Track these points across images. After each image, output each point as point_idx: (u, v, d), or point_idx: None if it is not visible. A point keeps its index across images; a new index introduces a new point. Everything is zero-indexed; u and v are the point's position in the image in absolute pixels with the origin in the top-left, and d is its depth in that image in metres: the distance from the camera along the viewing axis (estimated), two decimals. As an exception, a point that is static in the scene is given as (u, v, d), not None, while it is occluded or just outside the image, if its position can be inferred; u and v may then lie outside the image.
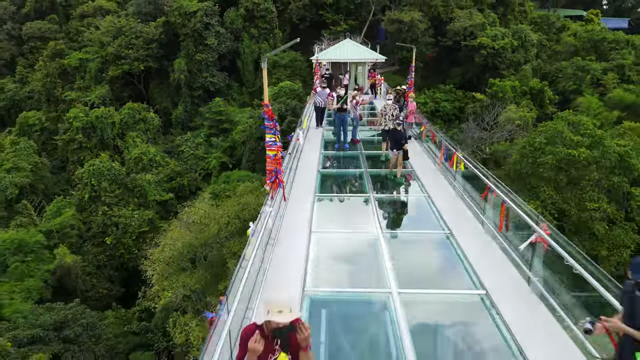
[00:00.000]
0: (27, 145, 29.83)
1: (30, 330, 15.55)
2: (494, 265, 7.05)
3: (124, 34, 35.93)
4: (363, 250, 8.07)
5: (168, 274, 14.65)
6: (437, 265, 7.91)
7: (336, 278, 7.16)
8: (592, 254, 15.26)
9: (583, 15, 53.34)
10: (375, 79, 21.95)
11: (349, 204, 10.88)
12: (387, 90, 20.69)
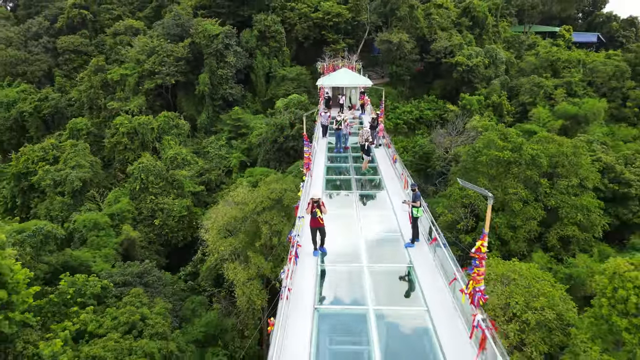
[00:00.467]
0: (83, 147, 36.65)
1: (122, 277, 22.46)
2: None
3: (156, 53, 42.81)
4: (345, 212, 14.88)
5: (219, 237, 21.42)
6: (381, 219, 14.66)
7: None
8: (511, 223, 22.08)
9: (556, 31, 60.07)
10: (364, 100, 28.65)
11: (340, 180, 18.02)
12: (371, 109, 27.65)
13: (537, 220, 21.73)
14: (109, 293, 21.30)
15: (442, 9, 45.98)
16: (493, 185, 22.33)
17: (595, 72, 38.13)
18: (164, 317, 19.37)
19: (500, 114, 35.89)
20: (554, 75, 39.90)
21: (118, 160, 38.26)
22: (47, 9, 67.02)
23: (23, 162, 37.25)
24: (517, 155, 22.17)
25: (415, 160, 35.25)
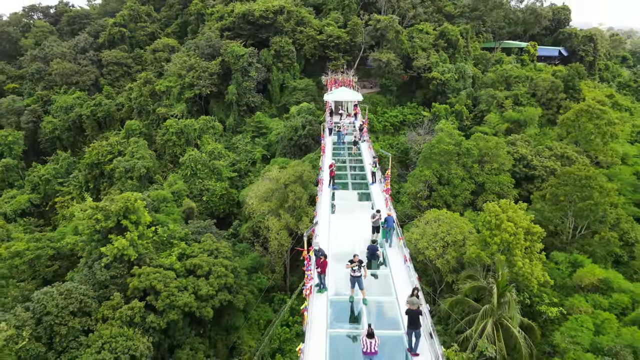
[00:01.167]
0: (143, 143, 47.98)
1: (195, 228, 33.81)
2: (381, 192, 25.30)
3: (194, 69, 54.16)
4: (342, 170, 26.37)
5: (259, 202, 32.66)
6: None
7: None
8: (453, 193, 33.27)
9: (523, 47, 71.30)
10: (356, 110, 39.74)
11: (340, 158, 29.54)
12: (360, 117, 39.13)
13: (469, 191, 33.04)
14: (189, 237, 32.69)
15: (422, 33, 57.33)
16: (442, 168, 33.66)
17: (537, 86, 49.37)
18: (229, 252, 30.73)
19: (461, 119, 47.18)
20: (507, 88, 51.18)
21: (168, 153, 49.60)
22: (89, 26, 78.58)
23: (95, 154, 48.65)
24: (458, 148, 33.49)
25: (398, 154, 46.60)
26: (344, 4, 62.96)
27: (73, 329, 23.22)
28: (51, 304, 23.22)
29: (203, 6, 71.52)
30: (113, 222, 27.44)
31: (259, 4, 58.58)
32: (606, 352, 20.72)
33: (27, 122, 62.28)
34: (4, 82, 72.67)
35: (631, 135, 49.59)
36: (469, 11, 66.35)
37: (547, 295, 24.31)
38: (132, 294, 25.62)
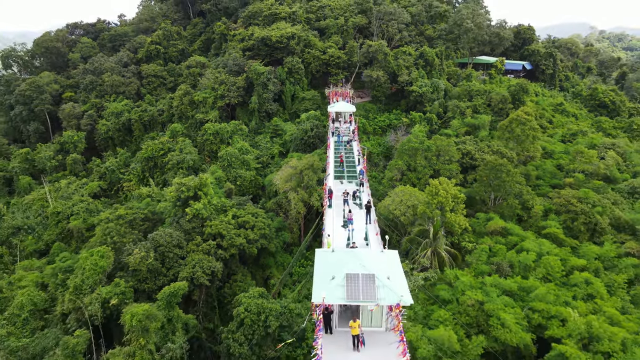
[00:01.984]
0: (188, 142, 62.89)
1: (237, 201, 48.74)
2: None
3: (224, 83, 69.11)
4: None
5: (283, 182, 47.50)
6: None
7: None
8: (417, 177, 48.09)
9: (492, 62, 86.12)
10: (351, 118, 54.37)
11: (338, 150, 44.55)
12: (354, 123, 54.20)
13: (429, 175, 47.98)
14: (234, 206, 47.61)
15: (405, 54, 72.20)
16: (410, 159, 48.59)
17: (492, 98, 64.27)
18: (264, 215, 45.67)
19: (432, 124, 62.14)
20: (469, 99, 66.11)
21: (207, 149, 64.48)
22: (127, 43, 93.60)
23: (150, 150, 63.59)
24: (421, 145, 48.48)
25: (383, 150, 61.51)
26: (343, 29, 77.96)
27: (175, 255, 38.18)
28: (162, 240, 38.22)
29: (225, 28, 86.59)
30: (192, 193, 42.45)
31: (275, 31, 73.61)
32: (494, 264, 35.69)
33: (85, 124, 77.32)
34: (58, 90, 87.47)
35: (563, 136, 64.63)
36: (445, 34, 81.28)
37: (468, 236, 39.31)
38: (207, 237, 40.56)
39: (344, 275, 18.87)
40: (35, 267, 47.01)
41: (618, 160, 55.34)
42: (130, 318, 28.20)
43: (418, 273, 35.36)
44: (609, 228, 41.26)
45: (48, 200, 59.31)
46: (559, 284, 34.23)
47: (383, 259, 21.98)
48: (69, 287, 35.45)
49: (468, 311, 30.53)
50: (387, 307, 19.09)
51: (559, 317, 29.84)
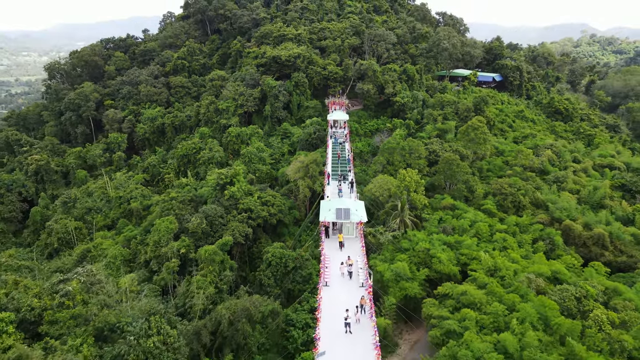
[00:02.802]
0: (216, 142, 79.21)
1: (259, 187, 65.12)
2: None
3: (243, 95, 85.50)
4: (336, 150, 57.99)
5: (293, 172, 63.67)
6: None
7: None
8: (394, 169, 64.36)
9: (466, 75, 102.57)
10: (345, 125, 70.54)
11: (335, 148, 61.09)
12: (347, 128, 70.74)
13: (403, 167, 64.33)
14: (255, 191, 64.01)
15: (391, 71, 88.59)
16: (390, 156, 64.98)
17: (459, 108, 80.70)
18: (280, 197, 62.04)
19: (409, 128, 78.54)
20: (441, 108, 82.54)
21: (230, 148, 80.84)
22: (156, 57, 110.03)
23: (184, 149, 79.96)
24: (398, 145, 64.87)
25: (371, 149, 77.90)
26: (340, 49, 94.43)
27: (220, 222, 54.58)
28: (210, 212, 54.65)
29: (241, 45, 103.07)
30: (228, 180, 58.87)
31: (284, 51, 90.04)
32: (441, 227, 52.13)
33: (126, 128, 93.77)
34: (98, 98, 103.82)
35: (515, 138, 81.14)
36: (426, 52, 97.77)
37: (427, 210, 55.77)
38: (240, 211, 56.93)
39: (335, 209, 35.45)
40: (107, 236, 63.45)
41: (552, 157, 71.82)
42: (204, 252, 44.58)
43: (390, 233, 51.76)
44: (529, 205, 57.72)
45: (107, 188, 75.66)
46: (486, 241, 50.61)
47: (355, 203, 38.72)
48: (149, 244, 51.87)
49: (419, 254, 46.87)
50: (356, 223, 35.73)
51: (477, 259, 46.19)
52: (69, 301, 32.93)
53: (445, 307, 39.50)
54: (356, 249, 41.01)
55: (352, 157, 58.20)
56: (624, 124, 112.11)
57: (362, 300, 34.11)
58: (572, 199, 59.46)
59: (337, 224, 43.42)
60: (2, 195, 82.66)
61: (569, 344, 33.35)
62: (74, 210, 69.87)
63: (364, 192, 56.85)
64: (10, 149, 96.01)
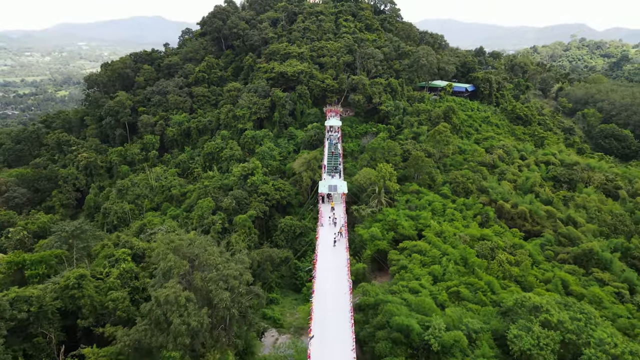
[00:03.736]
0: (235, 144, 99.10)
1: (272, 177, 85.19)
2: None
3: (256, 104, 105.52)
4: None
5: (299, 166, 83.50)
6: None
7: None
8: (376, 163, 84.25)
9: (443, 86, 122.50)
10: (339, 129, 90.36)
11: (330, 146, 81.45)
12: (340, 133, 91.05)
13: (382, 163, 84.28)
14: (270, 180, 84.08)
15: (378, 84, 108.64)
16: (374, 154, 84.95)
17: (431, 115, 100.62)
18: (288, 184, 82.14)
19: (391, 132, 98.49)
20: (417, 115, 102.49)
21: (246, 148, 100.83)
22: (180, 70, 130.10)
23: (209, 148, 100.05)
24: (378, 146, 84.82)
25: (360, 149, 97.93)
26: (336, 65, 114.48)
27: (244, 202, 74.59)
28: (237, 194, 74.69)
29: (252, 61, 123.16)
30: (249, 171, 78.91)
31: (289, 67, 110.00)
32: (408, 206, 72.17)
33: (158, 131, 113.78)
34: (132, 106, 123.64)
35: (477, 140, 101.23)
36: (408, 67, 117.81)
37: (398, 194, 75.83)
38: (259, 194, 76.91)
39: (327, 185, 55.84)
40: (154, 216, 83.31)
41: (503, 155, 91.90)
42: (238, 219, 64.59)
43: (369, 209, 71.77)
44: (475, 190, 77.69)
45: (149, 180, 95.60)
46: (439, 215, 70.61)
47: (340, 181, 59.30)
48: (193, 218, 71.84)
49: (389, 223, 66.80)
50: (341, 193, 56.20)
51: (429, 226, 66.15)
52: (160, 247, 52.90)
53: (403, 255, 59.56)
54: (340, 209, 61.14)
55: (342, 154, 78.33)
56: (579, 128, 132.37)
57: (341, 230, 54.81)
58: (509, 186, 79.60)
59: (329, 194, 64.06)
60: (60, 186, 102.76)
61: (476, 272, 53.48)
62: (126, 196, 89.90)
63: (352, 180, 76.89)
64: (60, 148, 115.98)
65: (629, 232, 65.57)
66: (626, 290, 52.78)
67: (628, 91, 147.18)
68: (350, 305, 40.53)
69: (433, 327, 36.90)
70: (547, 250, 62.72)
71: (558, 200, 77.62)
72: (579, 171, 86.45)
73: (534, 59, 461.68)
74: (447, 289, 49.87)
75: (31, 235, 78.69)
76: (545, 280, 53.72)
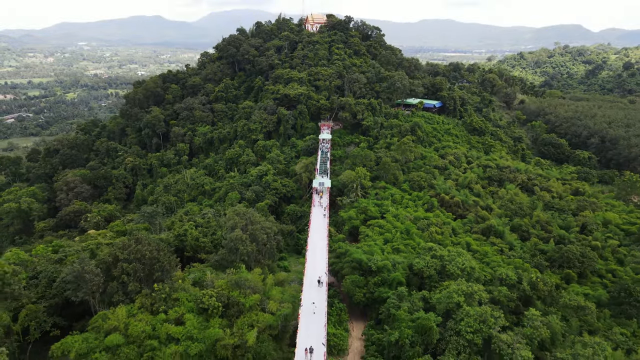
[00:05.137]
0: (250, 151, 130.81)
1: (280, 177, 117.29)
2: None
3: (265, 119, 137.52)
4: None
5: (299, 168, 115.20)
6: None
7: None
8: (356, 166, 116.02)
9: (415, 103, 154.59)
10: (329, 141, 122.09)
11: (322, 150, 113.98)
12: (330, 144, 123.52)
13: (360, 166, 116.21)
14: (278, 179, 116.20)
15: (361, 104, 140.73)
16: (354, 160, 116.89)
17: (402, 129, 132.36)
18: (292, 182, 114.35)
19: (369, 143, 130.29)
20: (391, 129, 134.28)
21: (258, 154, 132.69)
22: (202, 89, 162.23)
23: (230, 154, 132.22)
24: (358, 154, 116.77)
25: (345, 155, 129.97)
26: (328, 88, 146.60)
27: (261, 194, 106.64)
28: (255, 189, 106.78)
29: (261, 83, 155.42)
30: (264, 172, 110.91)
31: (292, 90, 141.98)
32: (377, 197, 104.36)
33: (187, 140, 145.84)
34: (164, 119, 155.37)
35: (436, 148, 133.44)
36: (386, 88, 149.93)
37: (370, 189, 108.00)
38: (271, 189, 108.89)
39: (318, 182, 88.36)
40: (192, 205, 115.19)
41: (453, 160, 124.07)
42: (259, 206, 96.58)
43: (349, 200, 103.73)
44: (427, 186, 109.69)
45: (185, 178, 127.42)
46: (397, 204, 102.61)
47: (327, 180, 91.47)
48: (225, 206, 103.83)
49: (362, 208, 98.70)
50: (327, 187, 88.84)
51: (389, 210, 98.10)
52: (212, 221, 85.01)
53: (369, 229, 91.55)
54: (326, 197, 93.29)
55: (330, 160, 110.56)
56: (528, 137, 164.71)
57: (325, 209, 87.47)
58: (452, 183, 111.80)
59: (319, 188, 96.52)
60: (113, 184, 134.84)
61: (411, 235, 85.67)
62: (171, 191, 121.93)
63: (338, 179, 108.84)
64: (108, 154, 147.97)
65: (524, 215, 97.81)
66: (507, 249, 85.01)
67: (572, 106, 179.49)
68: (326, 252, 72.47)
69: (373, 259, 68.88)
70: (467, 226, 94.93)
71: (486, 193, 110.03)
72: (507, 172, 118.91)
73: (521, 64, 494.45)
74: (392, 247, 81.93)
75: (103, 219, 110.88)
76: (456, 243, 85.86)
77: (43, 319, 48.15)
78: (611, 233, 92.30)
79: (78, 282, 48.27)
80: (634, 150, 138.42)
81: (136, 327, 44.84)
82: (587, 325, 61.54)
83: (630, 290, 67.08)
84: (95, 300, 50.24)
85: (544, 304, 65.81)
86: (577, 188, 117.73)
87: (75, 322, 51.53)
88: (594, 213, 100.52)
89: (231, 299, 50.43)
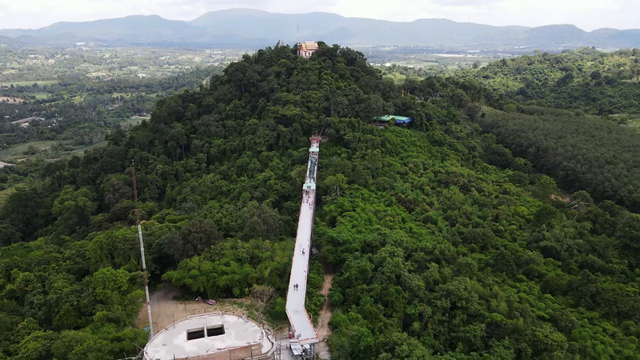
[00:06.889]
0: (255, 160, 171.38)
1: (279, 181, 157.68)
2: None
3: (268, 134, 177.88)
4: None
5: (295, 175, 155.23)
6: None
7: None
8: (338, 174, 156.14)
9: (388, 119, 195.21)
10: (317, 152, 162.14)
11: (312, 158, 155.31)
12: (317, 155, 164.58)
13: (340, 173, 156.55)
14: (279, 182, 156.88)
15: (343, 122, 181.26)
16: (336, 168, 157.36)
17: (375, 142, 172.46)
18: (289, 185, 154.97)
19: (349, 154, 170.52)
20: (366, 142, 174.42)
21: (262, 163, 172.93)
22: (215, 107, 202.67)
23: (240, 163, 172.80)
24: (339, 163, 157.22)
25: (329, 163, 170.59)
26: (317, 109, 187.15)
27: (266, 194, 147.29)
28: (261, 190, 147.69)
29: (264, 104, 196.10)
30: (268, 177, 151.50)
31: (289, 111, 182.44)
32: (351, 195, 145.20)
33: (204, 151, 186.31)
34: (184, 133, 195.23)
35: (401, 158, 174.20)
36: (364, 109, 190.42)
37: (348, 190, 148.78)
38: (274, 190, 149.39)
39: (306, 185, 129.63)
40: (213, 202, 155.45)
41: (413, 167, 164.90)
42: (265, 202, 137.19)
43: (331, 198, 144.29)
44: (389, 187, 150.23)
45: (206, 181, 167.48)
46: (365, 200, 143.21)
47: (312, 183, 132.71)
48: (239, 203, 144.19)
49: (339, 204, 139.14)
50: (313, 189, 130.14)
51: (359, 205, 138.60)
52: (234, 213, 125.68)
53: (343, 218, 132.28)
54: (312, 196, 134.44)
55: (317, 168, 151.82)
56: (481, 146, 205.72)
57: (311, 204, 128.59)
58: (408, 185, 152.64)
59: (307, 189, 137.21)
60: (148, 186, 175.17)
61: (372, 222, 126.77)
62: (197, 191, 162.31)
63: (323, 183, 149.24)
64: (142, 162, 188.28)
65: (455, 208, 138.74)
66: (437, 231, 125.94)
67: (520, 119, 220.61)
68: (310, 232, 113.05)
69: (341, 235, 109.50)
70: (413, 216, 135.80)
71: (433, 193, 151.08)
72: (452, 176, 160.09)
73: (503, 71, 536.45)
74: (357, 230, 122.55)
75: (146, 213, 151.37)
76: (403, 227, 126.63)
77: (152, 264, 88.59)
78: (514, 220, 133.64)
79: (169, 244, 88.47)
80: (558, 158, 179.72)
81: (205, 266, 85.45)
82: (472, 274, 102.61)
83: (503, 255, 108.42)
84: (178, 254, 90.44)
85: (447, 263, 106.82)
86: (506, 188, 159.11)
87: (164, 268, 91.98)
88: (509, 207, 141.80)
89: (254, 254, 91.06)
